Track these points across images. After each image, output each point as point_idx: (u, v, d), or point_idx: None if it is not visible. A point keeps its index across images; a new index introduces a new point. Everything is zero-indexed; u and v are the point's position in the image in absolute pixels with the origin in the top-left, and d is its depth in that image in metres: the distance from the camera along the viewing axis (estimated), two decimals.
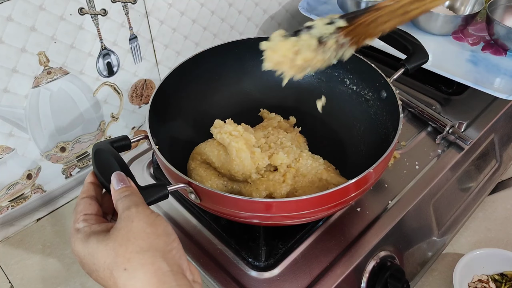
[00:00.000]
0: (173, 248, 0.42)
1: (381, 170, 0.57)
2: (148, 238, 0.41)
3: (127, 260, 0.39)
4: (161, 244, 0.41)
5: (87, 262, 0.42)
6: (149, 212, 0.43)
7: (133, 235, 0.41)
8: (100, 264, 0.41)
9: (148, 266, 0.39)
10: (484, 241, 0.83)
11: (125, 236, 0.41)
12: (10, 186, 0.79)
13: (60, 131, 0.81)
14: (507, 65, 0.84)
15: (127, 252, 0.40)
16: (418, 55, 0.67)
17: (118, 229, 0.42)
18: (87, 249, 0.42)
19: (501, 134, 0.86)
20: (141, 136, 0.59)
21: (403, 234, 0.67)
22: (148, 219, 0.42)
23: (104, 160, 0.50)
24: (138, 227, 0.41)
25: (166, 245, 0.41)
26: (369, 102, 0.70)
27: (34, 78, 0.73)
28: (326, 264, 0.60)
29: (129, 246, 0.40)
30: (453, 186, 0.76)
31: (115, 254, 0.40)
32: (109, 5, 0.75)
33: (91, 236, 0.43)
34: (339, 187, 0.51)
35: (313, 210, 0.52)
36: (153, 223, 0.42)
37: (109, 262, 0.40)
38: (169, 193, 0.49)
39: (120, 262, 0.39)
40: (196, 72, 0.73)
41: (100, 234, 0.42)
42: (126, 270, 0.39)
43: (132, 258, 0.39)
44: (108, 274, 0.40)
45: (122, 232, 0.41)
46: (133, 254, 0.40)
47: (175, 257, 0.41)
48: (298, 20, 1.16)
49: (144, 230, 0.41)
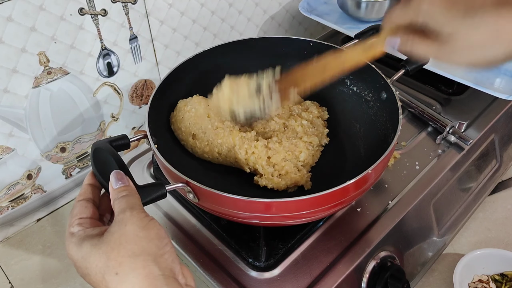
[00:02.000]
0: (166, 252, 0.42)
1: (380, 171, 0.57)
2: (140, 242, 0.41)
3: (118, 264, 0.40)
4: (153, 248, 0.41)
5: (80, 265, 0.42)
6: (143, 215, 0.43)
7: (125, 239, 0.41)
8: (92, 268, 0.41)
9: (139, 270, 0.39)
10: (484, 241, 0.83)
11: (118, 240, 0.41)
12: (10, 186, 0.79)
13: (60, 131, 0.81)
14: (507, 65, 0.84)
15: (119, 256, 0.40)
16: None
17: (112, 233, 0.42)
18: (80, 253, 0.42)
19: (502, 134, 0.86)
20: (140, 135, 0.59)
21: (403, 234, 0.67)
22: (141, 222, 0.42)
23: (102, 159, 0.50)
24: (131, 231, 0.41)
25: (158, 249, 0.41)
26: (369, 103, 0.70)
27: (34, 78, 0.73)
28: (326, 264, 0.59)
29: (121, 250, 0.40)
30: (454, 186, 0.76)
31: (107, 258, 0.40)
32: (109, 5, 0.75)
33: (85, 240, 0.43)
34: (338, 187, 0.51)
35: (312, 210, 0.52)
36: (146, 226, 0.42)
37: (101, 266, 0.40)
38: (168, 192, 0.49)
39: (112, 266, 0.40)
40: (196, 72, 0.73)
41: (94, 238, 0.42)
42: (118, 274, 0.39)
43: (123, 262, 0.40)
44: (100, 278, 0.40)
45: (115, 236, 0.41)
46: (124, 258, 0.40)
47: (167, 261, 0.41)
48: (298, 20, 1.16)
49: (137, 234, 0.41)
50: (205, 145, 0.66)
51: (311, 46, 0.74)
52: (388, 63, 0.92)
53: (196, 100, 0.70)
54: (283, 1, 1.08)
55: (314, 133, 0.69)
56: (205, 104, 0.70)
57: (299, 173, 0.64)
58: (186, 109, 0.68)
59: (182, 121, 0.68)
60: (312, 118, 0.72)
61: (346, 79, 0.73)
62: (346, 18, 0.99)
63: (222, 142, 0.65)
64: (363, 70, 0.69)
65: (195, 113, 0.68)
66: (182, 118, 0.68)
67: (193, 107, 0.68)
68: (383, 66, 0.92)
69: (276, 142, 0.66)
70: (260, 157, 0.64)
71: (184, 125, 0.67)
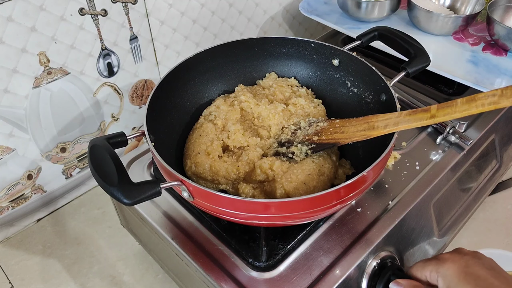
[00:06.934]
0: None
1: (378, 172, 0.57)
2: None
3: None
4: None
5: None
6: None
7: None
8: None
9: None
10: (484, 241, 0.83)
11: None
12: (10, 187, 0.79)
13: (61, 131, 0.81)
14: (507, 65, 0.84)
15: None
16: (419, 59, 0.67)
17: None
18: None
19: (502, 135, 0.86)
20: (138, 133, 0.59)
21: (403, 235, 0.67)
22: None
23: (99, 156, 0.50)
24: None
25: None
26: (370, 105, 0.70)
27: (34, 79, 0.73)
28: (326, 265, 0.59)
29: None
30: (454, 187, 0.76)
31: None
32: (109, 5, 0.75)
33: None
34: (336, 188, 0.51)
35: (311, 210, 0.52)
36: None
37: None
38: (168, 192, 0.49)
39: None
40: (196, 72, 0.73)
41: None
42: None
43: None
44: None
45: None
46: None
47: None
48: (298, 21, 1.16)
49: None
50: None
51: (312, 46, 0.74)
52: (389, 63, 0.92)
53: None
54: (284, 1, 1.08)
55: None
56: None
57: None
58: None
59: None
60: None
61: (347, 81, 0.73)
62: (346, 18, 0.99)
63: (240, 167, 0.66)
64: (364, 72, 0.69)
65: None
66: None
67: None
68: (384, 66, 0.93)
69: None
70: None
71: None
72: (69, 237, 0.85)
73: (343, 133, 0.62)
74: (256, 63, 0.78)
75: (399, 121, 0.55)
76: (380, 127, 0.57)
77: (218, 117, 0.70)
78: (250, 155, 0.65)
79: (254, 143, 0.68)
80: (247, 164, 0.65)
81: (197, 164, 0.65)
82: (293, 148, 0.65)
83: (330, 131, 0.64)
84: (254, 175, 0.63)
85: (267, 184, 0.62)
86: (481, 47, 0.89)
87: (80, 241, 0.85)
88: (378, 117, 0.58)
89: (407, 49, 0.69)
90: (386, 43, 0.73)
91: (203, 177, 0.65)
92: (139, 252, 0.83)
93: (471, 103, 0.49)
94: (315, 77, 0.77)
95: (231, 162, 0.66)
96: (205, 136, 0.68)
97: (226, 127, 0.69)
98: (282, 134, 0.69)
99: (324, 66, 0.75)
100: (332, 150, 0.67)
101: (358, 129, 0.60)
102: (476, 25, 0.95)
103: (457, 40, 0.92)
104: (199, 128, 0.69)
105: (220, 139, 0.68)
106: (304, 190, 0.60)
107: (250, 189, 0.62)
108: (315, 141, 0.64)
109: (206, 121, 0.70)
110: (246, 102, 0.72)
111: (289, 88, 0.76)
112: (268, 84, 0.76)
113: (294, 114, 0.71)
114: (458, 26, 0.90)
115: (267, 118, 0.70)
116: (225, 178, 0.64)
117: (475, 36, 0.92)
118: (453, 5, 0.98)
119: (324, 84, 0.77)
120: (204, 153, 0.66)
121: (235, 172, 0.64)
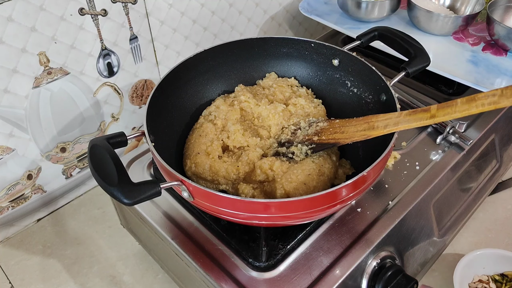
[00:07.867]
0: None
1: (377, 172, 0.57)
2: None
3: None
4: None
5: None
6: None
7: None
8: None
9: None
10: (484, 241, 0.83)
11: None
12: (10, 187, 0.79)
13: (61, 131, 0.81)
14: (507, 65, 0.84)
15: None
16: (419, 59, 0.67)
17: None
18: None
19: (502, 135, 0.86)
20: (138, 133, 0.59)
21: (403, 234, 0.67)
22: None
23: (99, 156, 0.51)
24: None
25: None
26: (369, 105, 0.70)
27: (34, 79, 0.73)
28: (326, 265, 0.59)
29: None
30: (454, 187, 0.76)
31: None
32: (109, 5, 0.75)
33: None
34: (336, 188, 0.51)
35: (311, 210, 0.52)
36: None
37: None
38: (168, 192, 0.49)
39: None
40: (196, 72, 0.73)
41: None
42: None
43: None
44: None
45: None
46: None
47: None
48: (298, 21, 1.16)
49: None
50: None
51: (312, 46, 0.74)
52: (389, 63, 0.92)
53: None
54: (284, 1, 1.08)
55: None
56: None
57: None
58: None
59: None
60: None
61: (347, 81, 0.73)
62: (346, 18, 0.99)
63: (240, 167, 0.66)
64: (364, 72, 0.69)
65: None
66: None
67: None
68: (384, 66, 0.93)
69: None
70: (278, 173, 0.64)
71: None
72: (69, 237, 0.85)
73: (343, 133, 0.62)
74: (256, 63, 0.78)
75: (399, 121, 0.55)
76: (380, 127, 0.57)
77: (218, 117, 0.70)
78: (250, 155, 0.65)
79: (254, 143, 0.68)
80: (247, 164, 0.65)
81: (197, 164, 0.65)
82: (293, 148, 0.65)
83: (330, 131, 0.64)
84: (254, 175, 0.63)
85: (267, 184, 0.62)
86: (481, 47, 0.89)
87: (80, 241, 0.85)
88: (378, 117, 0.58)
89: (407, 49, 0.69)
90: (386, 43, 0.73)
91: (203, 177, 0.65)
92: (139, 252, 0.83)
93: (471, 103, 0.49)
94: (315, 77, 0.77)
95: (231, 162, 0.66)
96: (205, 136, 0.68)
97: (226, 127, 0.69)
98: (282, 134, 0.69)
99: (324, 66, 0.75)
100: (332, 150, 0.67)
101: (358, 129, 0.60)
102: (476, 25, 0.95)
103: (457, 40, 0.92)
104: (199, 128, 0.69)
105: (220, 139, 0.68)
106: (304, 190, 0.60)
107: (250, 189, 0.62)
108: (315, 141, 0.64)
109: (206, 121, 0.70)
110: (246, 102, 0.72)
111: (289, 88, 0.76)
112: (268, 84, 0.76)
113: (294, 114, 0.71)
114: (458, 26, 0.90)
115: (267, 118, 0.70)
116: (225, 178, 0.64)
117: (475, 36, 0.92)
118: (453, 5, 0.98)
119: (324, 84, 0.77)
120: (204, 153, 0.66)
121: (235, 172, 0.64)
